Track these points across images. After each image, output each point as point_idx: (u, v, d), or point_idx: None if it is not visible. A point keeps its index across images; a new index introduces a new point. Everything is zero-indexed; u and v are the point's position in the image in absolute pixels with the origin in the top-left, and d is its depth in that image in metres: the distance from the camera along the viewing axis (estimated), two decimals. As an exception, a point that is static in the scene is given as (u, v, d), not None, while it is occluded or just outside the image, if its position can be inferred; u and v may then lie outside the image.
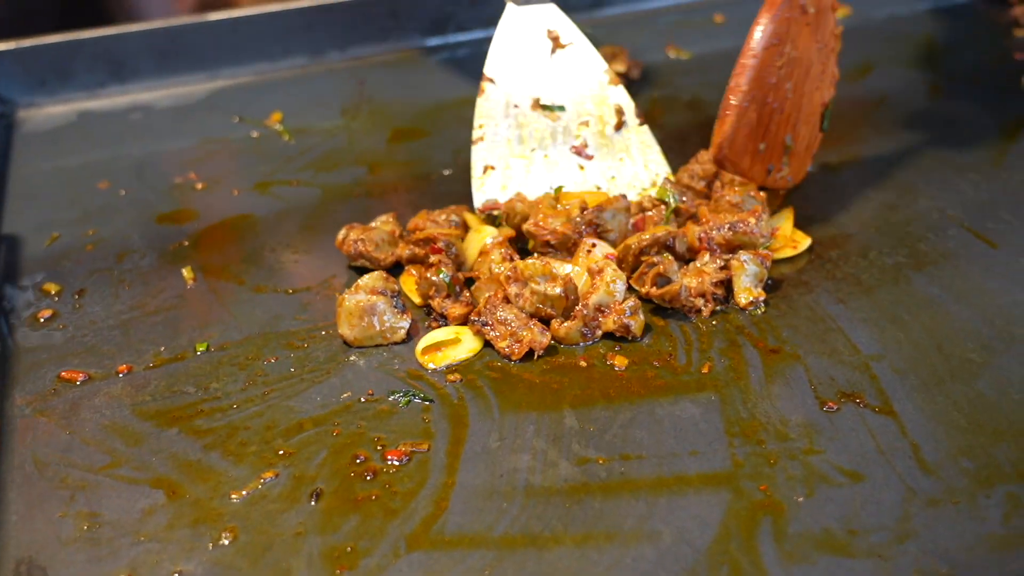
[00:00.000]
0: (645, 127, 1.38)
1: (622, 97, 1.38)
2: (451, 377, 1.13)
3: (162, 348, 1.19)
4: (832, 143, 1.47)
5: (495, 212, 1.33)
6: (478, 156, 1.36)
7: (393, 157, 1.52)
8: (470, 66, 1.72)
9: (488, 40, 1.77)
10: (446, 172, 1.47)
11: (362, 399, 1.12)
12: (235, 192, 1.46)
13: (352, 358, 1.17)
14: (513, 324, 1.16)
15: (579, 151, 1.37)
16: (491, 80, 1.36)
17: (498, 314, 1.17)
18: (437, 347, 1.16)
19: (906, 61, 1.69)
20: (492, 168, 1.35)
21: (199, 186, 1.47)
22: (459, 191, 1.42)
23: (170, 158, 1.54)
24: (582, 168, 1.36)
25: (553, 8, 1.39)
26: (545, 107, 1.36)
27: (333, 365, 1.16)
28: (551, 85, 1.37)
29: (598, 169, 1.36)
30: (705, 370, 1.12)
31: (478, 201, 1.35)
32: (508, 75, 1.36)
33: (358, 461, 1.04)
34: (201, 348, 1.19)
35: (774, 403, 1.08)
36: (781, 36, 1.28)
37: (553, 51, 1.37)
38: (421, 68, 1.72)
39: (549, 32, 1.37)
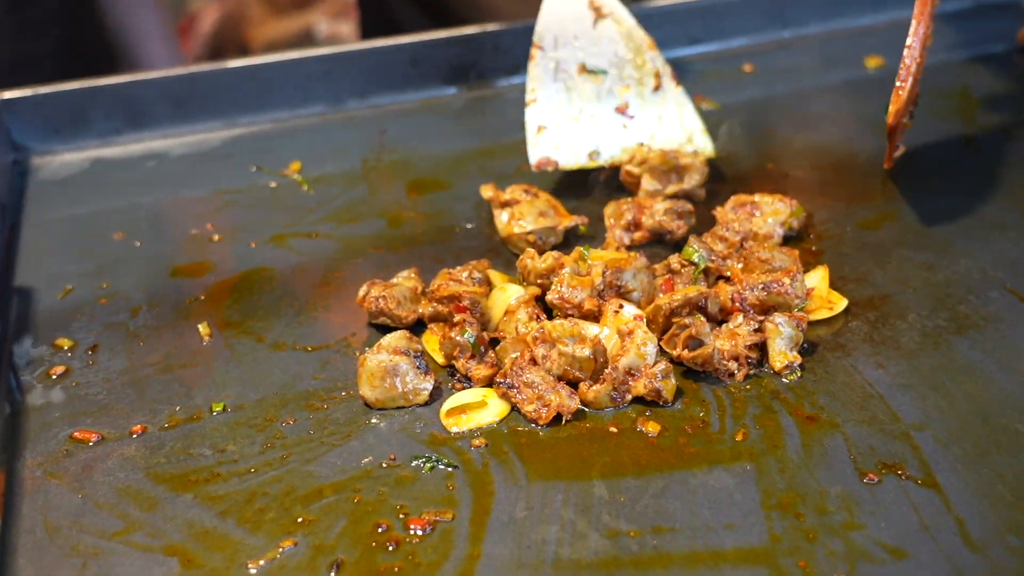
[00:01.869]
0: (680, 89, 1.53)
1: (659, 62, 1.53)
2: (476, 442, 1.13)
3: (177, 408, 1.19)
4: (867, 199, 1.48)
5: (547, 168, 1.48)
6: (532, 117, 1.50)
7: (414, 209, 1.53)
8: (493, 116, 1.73)
9: (511, 88, 1.81)
10: (468, 225, 1.48)
11: (383, 464, 1.11)
12: (252, 244, 1.47)
13: (373, 421, 1.17)
14: (540, 387, 1.16)
15: (622, 111, 1.52)
16: (540, 47, 1.50)
17: (525, 376, 1.17)
18: (462, 409, 1.16)
19: (941, 113, 1.69)
20: (544, 128, 1.50)
21: (215, 238, 1.48)
22: (482, 245, 1.43)
23: (186, 208, 1.56)
24: (625, 127, 1.52)
25: None
26: (590, 71, 1.52)
27: (354, 428, 1.16)
28: (595, 51, 1.52)
29: (639, 127, 1.52)
30: (739, 438, 1.12)
31: (533, 158, 1.49)
32: (555, 43, 1.51)
33: (380, 530, 1.04)
34: (217, 408, 1.19)
35: (812, 474, 1.07)
36: (930, 16, 1.41)
37: (595, 21, 1.51)
38: (442, 117, 1.74)
39: (591, 2, 1.51)
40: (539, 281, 1.29)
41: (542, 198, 1.44)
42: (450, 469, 1.10)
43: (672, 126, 1.53)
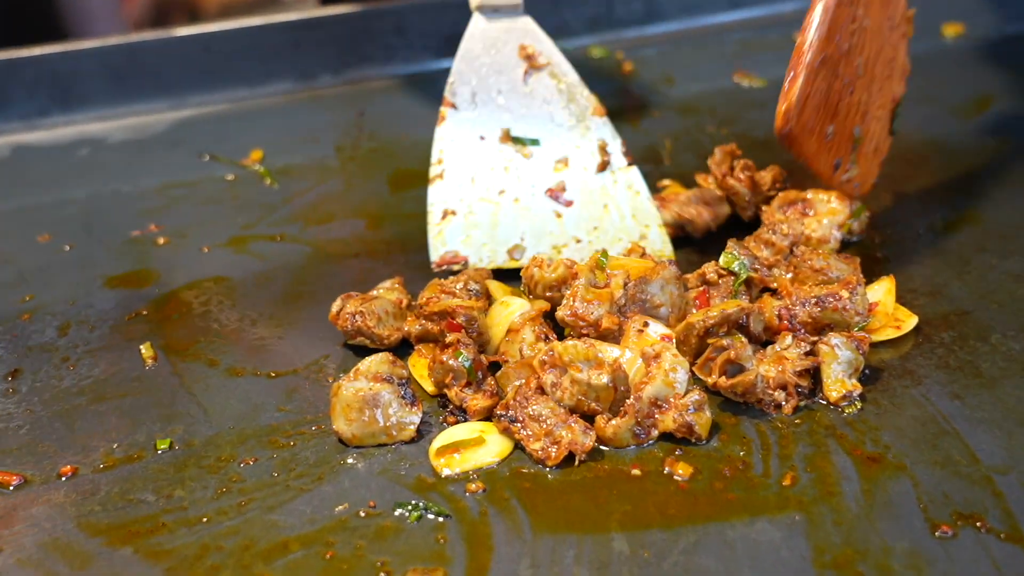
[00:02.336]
0: (634, 168, 1.44)
1: (607, 131, 1.44)
2: (471, 487, 1.15)
3: (115, 445, 1.22)
4: (942, 196, 1.50)
5: (455, 267, 1.39)
6: (436, 197, 1.42)
7: (398, 207, 1.56)
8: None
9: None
10: (464, 227, 1.50)
11: (361, 513, 1.13)
12: (205, 249, 1.50)
13: (349, 461, 1.19)
14: (549, 421, 1.18)
15: (555, 195, 1.43)
16: (452, 105, 1.43)
17: (530, 408, 1.19)
18: (455, 448, 1.18)
19: (1034, 92, 1.73)
20: (452, 213, 1.41)
21: (161, 241, 1.51)
22: (480, 251, 1.45)
23: (126, 205, 1.59)
24: (559, 216, 1.42)
25: (527, 21, 1.46)
26: (516, 140, 1.43)
27: (326, 469, 1.18)
28: (524, 113, 1.44)
29: (577, 217, 1.42)
30: (787, 482, 1.14)
31: (435, 253, 1.41)
32: (472, 99, 1.43)
33: (356, 592, 1.06)
34: (163, 446, 1.21)
35: (874, 526, 1.09)
36: None
37: (527, 74, 1.43)
38: (432, 97, 1.76)
39: (522, 49, 1.43)
40: (548, 294, 1.31)
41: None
42: (440, 519, 1.12)
43: (619, 217, 1.42)
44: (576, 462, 1.17)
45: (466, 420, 1.22)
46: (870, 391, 1.23)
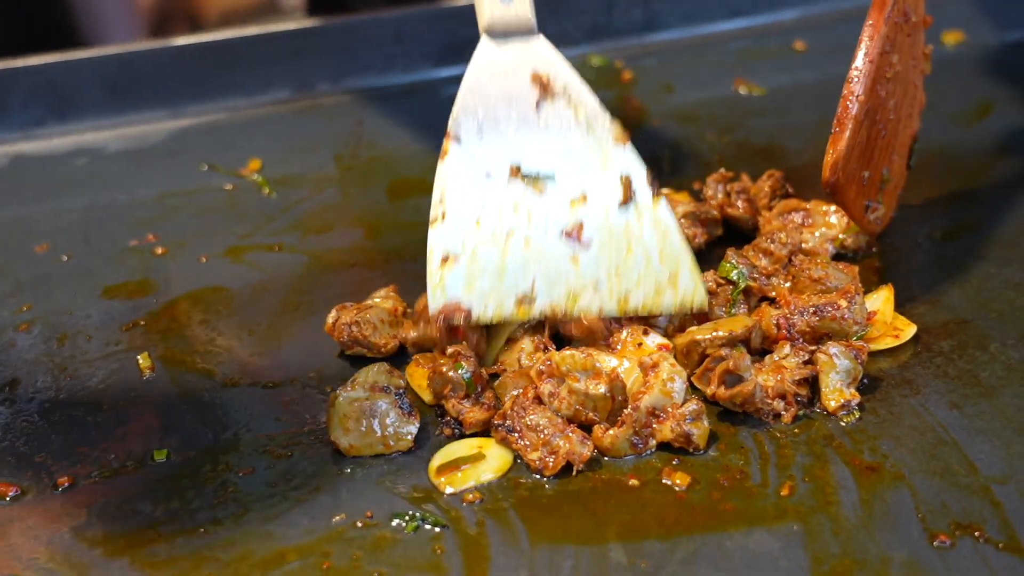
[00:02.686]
0: (661, 202, 1.31)
1: (630, 161, 1.31)
2: (468, 497, 1.15)
3: (112, 456, 1.22)
4: (941, 204, 1.51)
5: (456, 321, 1.28)
6: (436, 240, 1.30)
7: (397, 216, 1.56)
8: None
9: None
10: (463, 236, 1.51)
11: (358, 523, 1.14)
12: (203, 259, 1.50)
13: (347, 471, 1.19)
14: (546, 431, 1.19)
15: (572, 235, 1.30)
16: (456, 139, 1.30)
17: (528, 418, 1.20)
18: (456, 465, 1.19)
19: (1038, 97, 1.73)
20: (454, 258, 1.29)
21: (159, 251, 1.52)
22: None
23: (123, 215, 1.59)
24: (575, 260, 1.30)
25: (542, 44, 1.33)
26: (528, 176, 1.31)
27: (323, 480, 1.18)
28: (536, 147, 1.31)
29: (597, 260, 1.30)
30: (785, 492, 1.14)
31: (435, 302, 1.29)
32: (479, 132, 1.31)
33: (353, 603, 1.07)
34: (160, 456, 1.22)
35: (872, 536, 1.09)
36: (891, 42, 1.35)
37: (539, 101, 1.31)
38: (431, 105, 1.77)
39: (535, 76, 1.31)
40: None
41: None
42: (437, 529, 1.13)
43: (645, 259, 1.30)
44: (574, 471, 1.17)
45: (462, 432, 1.23)
46: (868, 400, 1.24)
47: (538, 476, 1.17)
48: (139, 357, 1.34)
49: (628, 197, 1.30)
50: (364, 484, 1.18)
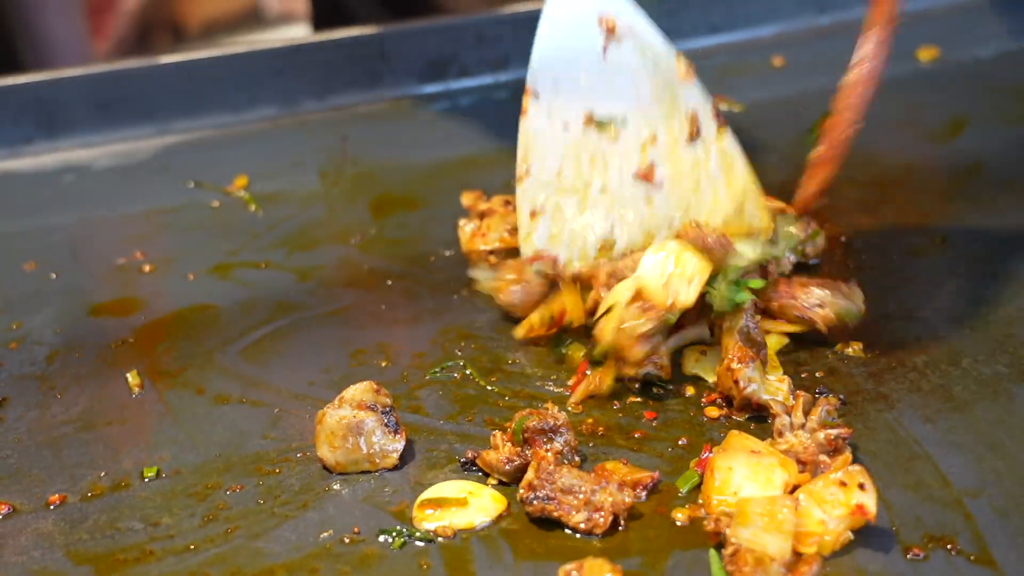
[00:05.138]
0: (726, 133, 1.35)
1: (696, 97, 1.34)
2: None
3: (102, 473, 1.24)
4: (915, 220, 1.53)
5: (545, 268, 1.35)
6: (523, 197, 1.36)
7: (381, 233, 1.58)
8: (475, 119, 1.79)
9: (499, 87, 1.87)
10: (447, 253, 1.53)
11: (345, 539, 1.16)
12: (190, 276, 1.52)
13: (334, 487, 1.21)
14: (583, 490, 1.15)
15: (646, 176, 1.34)
16: (535, 95, 1.33)
17: (559, 483, 1.15)
18: (440, 504, 1.18)
19: (1007, 116, 1.76)
20: (541, 212, 1.35)
21: (146, 268, 1.54)
22: (463, 276, 1.48)
23: (111, 232, 1.61)
24: (649, 201, 1.34)
25: None
26: (600, 123, 1.34)
27: (310, 496, 1.20)
28: (606, 92, 1.33)
29: (669, 198, 1.34)
30: (763, 506, 1.17)
31: (524, 253, 1.37)
32: (555, 85, 1.33)
33: (341, 618, 1.09)
34: (150, 474, 1.23)
35: (847, 548, 1.12)
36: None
37: (607, 44, 1.32)
38: (416, 122, 1.79)
39: (600, 19, 1.32)
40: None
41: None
42: (423, 544, 1.15)
43: (712, 193, 1.34)
44: (621, 525, 1.15)
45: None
46: (843, 415, 1.26)
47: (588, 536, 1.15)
48: (128, 375, 1.36)
49: (694, 133, 1.33)
50: (351, 500, 1.20)
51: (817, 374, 1.31)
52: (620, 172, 1.35)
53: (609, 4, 1.32)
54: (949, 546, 1.12)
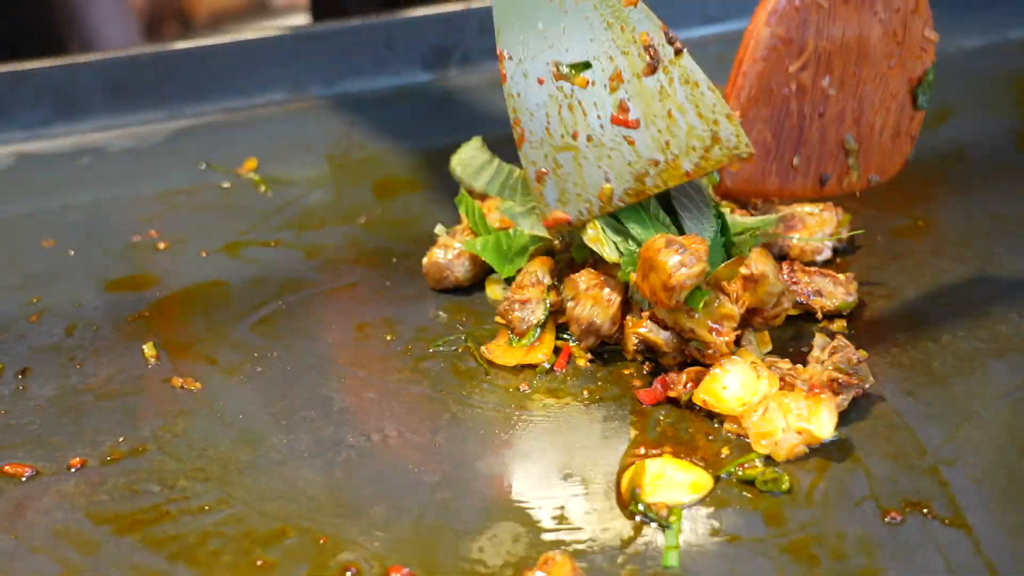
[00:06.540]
0: (684, 55, 1.31)
1: (644, 21, 1.30)
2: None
3: (120, 439, 1.28)
4: (899, 205, 1.57)
5: (563, 232, 1.37)
6: (526, 160, 1.36)
7: (386, 213, 1.62)
8: (476, 105, 1.82)
9: (498, 73, 1.89)
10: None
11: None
12: (203, 254, 1.55)
13: (345, 452, 1.25)
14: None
15: (622, 120, 1.31)
16: (508, 57, 1.33)
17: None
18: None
19: (990, 105, 1.79)
20: (545, 173, 1.35)
21: (161, 246, 1.57)
22: (464, 256, 1.51)
23: (126, 212, 1.64)
24: (631, 142, 1.31)
25: None
26: (569, 71, 1.31)
27: (320, 461, 1.23)
28: (564, 35, 1.31)
29: (647, 136, 1.31)
30: (752, 473, 1.20)
31: (543, 219, 1.37)
32: (522, 42, 1.32)
33: (348, 574, 1.12)
34: (165, 439, 1.27)
35: (828, 513, 1.16)
36: (788, 36, 1.31)
37: None
38: (420, 107, 1.82)
39: None
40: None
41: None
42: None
43: (685, 121, 1.30)
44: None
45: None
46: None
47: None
48: (144, 346, 1.39)
49: (654, 59, 1.30)
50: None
51: (803, 348, 1.35)
52: (599, 118, 1.33)
53: None
54: (925, 510, 1.15)
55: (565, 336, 1.37)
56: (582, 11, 1.30)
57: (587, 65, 1.31)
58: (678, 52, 1.30)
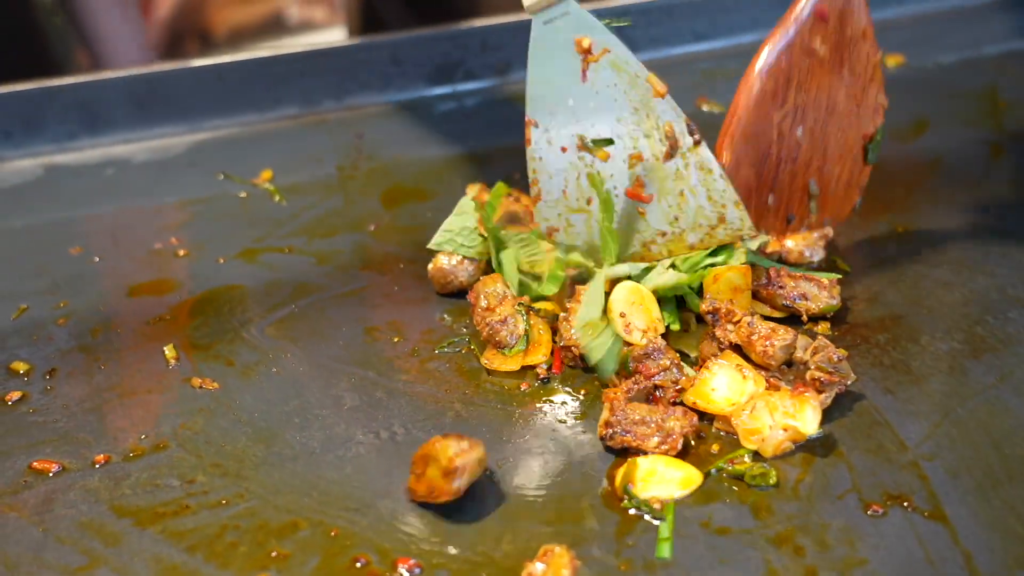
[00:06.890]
0: (702, 146, 1.35)
1: (669, 112, 1.35)
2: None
3: (143, 436, 1.28)
4: (880, 212, 1.56)
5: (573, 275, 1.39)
6: (539, 217, 1.41)
7: (393, 221, 1.62)
8: (479, 118, 1.82)
9: (502, 89, 1.90)
10: (454, 240, 1.56)
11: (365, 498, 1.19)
12: (220, 260, 1.55)
13: (357, 450, 1.25)
14: (655, 418, 1.22)
15: (636, 195, 1.36)
16: (535, 124, 1.37)
17: (633, 417, 1.22)
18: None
19: (965, 117, 1.79)
20: (556, 230, 1.40)
21: (180, 253, 1.57)
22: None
23: (148, 220, 1.64)
24: (642, 214, 1.37)
25: (574, 7, 1.33)
26: (592, 145, 1.36)
27: (331, 457, 1.24)
28: (592, 111, 1.35)
29: (658, 211, 1.37)
30: (740, 468, 1.20)
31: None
32: (550, 113, 1.36)
33: (358, 565, 1.12)
34: (186, 436, 1.27)
35: (813, 505, 1.16)
36: (776, 88, 1.39)
37: (585, 68, 1.34)
38: (426, 121, 1.82)
39: (578, 44, 1.33)
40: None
41: (523, 202, 1.48)
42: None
43: (695, 202, 1.36)
44: (692, 443, 1.23)
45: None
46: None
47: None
48: (165, 348, 1.39)
49: (673, 147, 1.34)
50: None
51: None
52: (615, 189, 1.38)
53: (581, 26, 1.33)
54: (906, 503, 1.15)
55: (555, 340, 1.36)
56: (612, 95, 1.35)
57: (610, 141, 1.36)
58: (697, 143, 1.35)
